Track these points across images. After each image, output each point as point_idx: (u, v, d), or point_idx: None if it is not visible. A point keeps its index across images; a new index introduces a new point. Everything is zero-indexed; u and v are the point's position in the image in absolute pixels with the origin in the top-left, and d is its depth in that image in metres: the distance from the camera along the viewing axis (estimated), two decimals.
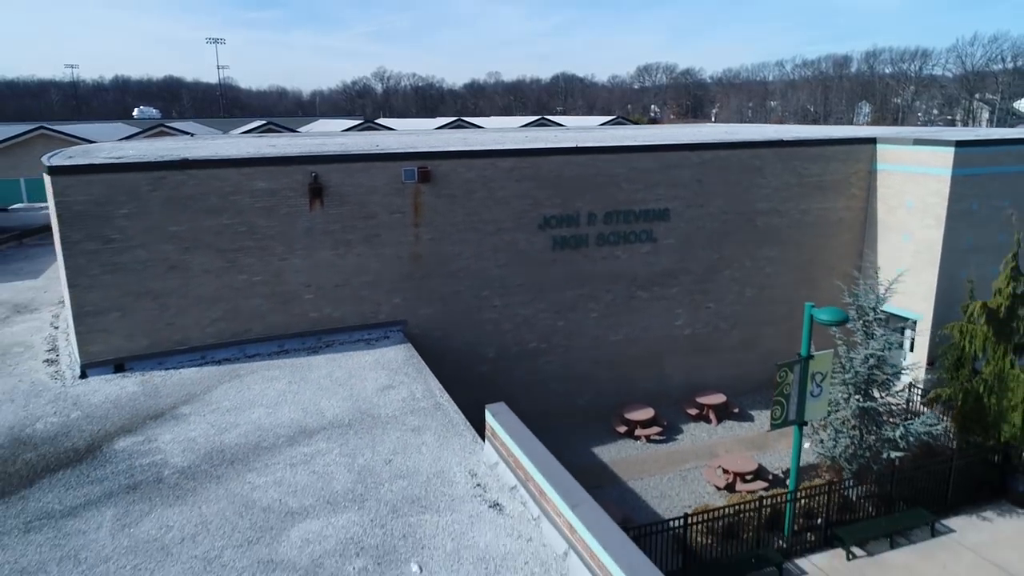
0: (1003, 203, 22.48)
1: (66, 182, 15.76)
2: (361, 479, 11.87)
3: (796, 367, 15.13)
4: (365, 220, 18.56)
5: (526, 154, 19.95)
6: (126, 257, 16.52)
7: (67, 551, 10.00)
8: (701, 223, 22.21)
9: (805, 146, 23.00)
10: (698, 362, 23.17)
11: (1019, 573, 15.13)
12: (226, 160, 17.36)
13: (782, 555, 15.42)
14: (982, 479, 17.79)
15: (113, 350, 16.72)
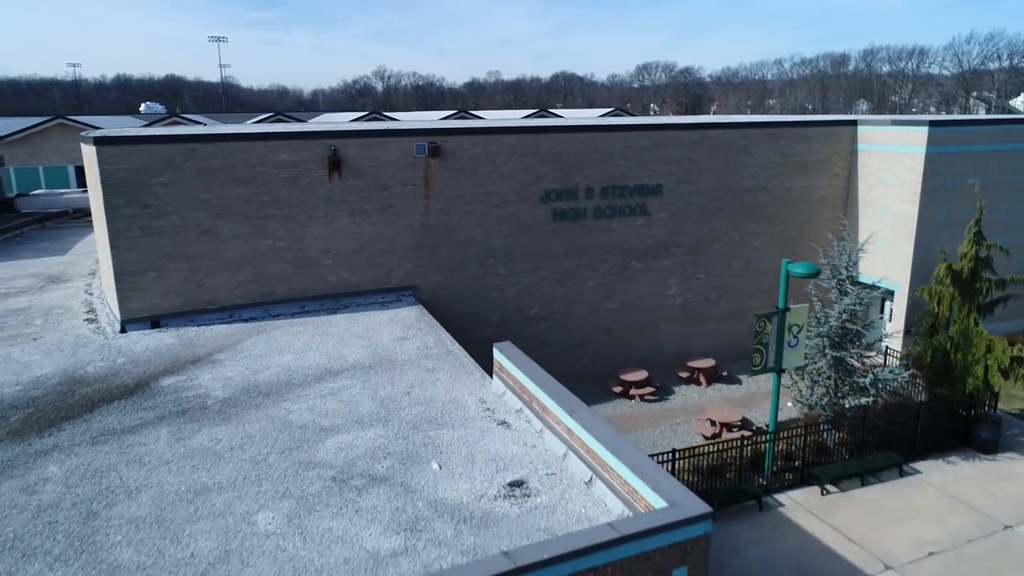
0: (974, 178, 24.07)
1: (110, 152, 17.34)
2: (383, 406, 13.46)
3: (774, 319, 16.73)
4: (379, 191, 20.15)
5: (528, 131, 21.56)
6: (162, 222, 18.11)
7: (132, 456, 11.60)
8: (692, 199, 23.81)
9: (789, 127, 24.59)
10: (689, 330, 24.76)
11: (977, 505, 16.73)
12: (253, 134, 18.97)
13: (762, 490, 17.02)
14: (949, 428, 19.37)
15: (150, 308, 18.31)
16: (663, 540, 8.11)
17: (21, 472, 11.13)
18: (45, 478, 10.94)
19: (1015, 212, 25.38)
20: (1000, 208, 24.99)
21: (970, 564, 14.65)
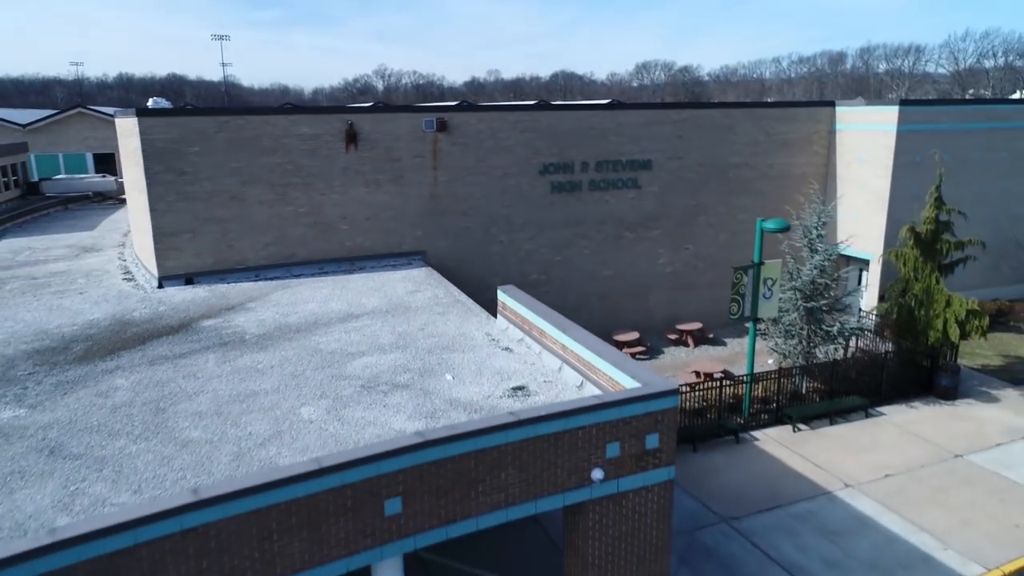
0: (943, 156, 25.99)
1: (150, 123, 19.29)
2: (401, 338, 15.39)
3: (750, 271, 18.68)
4: (392, 163, 22.08)
5: (528, 109, 23.53)
6: (196, 188, 20.06)
7: (186, 373, 13.53)
8: (680, 173, 25.75)
9: (772, 107, 26.55)
10: (678, 296, 26.70)
11: (932, 440, 18.66)
12: (277, 109, 20.90)
13: (739, 427, 18.96)
14: (913, 378, 21.31)
15: (184, 266, 20.25)
16: (638, 409, 10.04)
17: (93, 384, 13.06)
18: (115, 387, 12.87)
19: (982, 187, 27.32)
20: (968, 183, 26.93)
21: (921, 483, 16.59)
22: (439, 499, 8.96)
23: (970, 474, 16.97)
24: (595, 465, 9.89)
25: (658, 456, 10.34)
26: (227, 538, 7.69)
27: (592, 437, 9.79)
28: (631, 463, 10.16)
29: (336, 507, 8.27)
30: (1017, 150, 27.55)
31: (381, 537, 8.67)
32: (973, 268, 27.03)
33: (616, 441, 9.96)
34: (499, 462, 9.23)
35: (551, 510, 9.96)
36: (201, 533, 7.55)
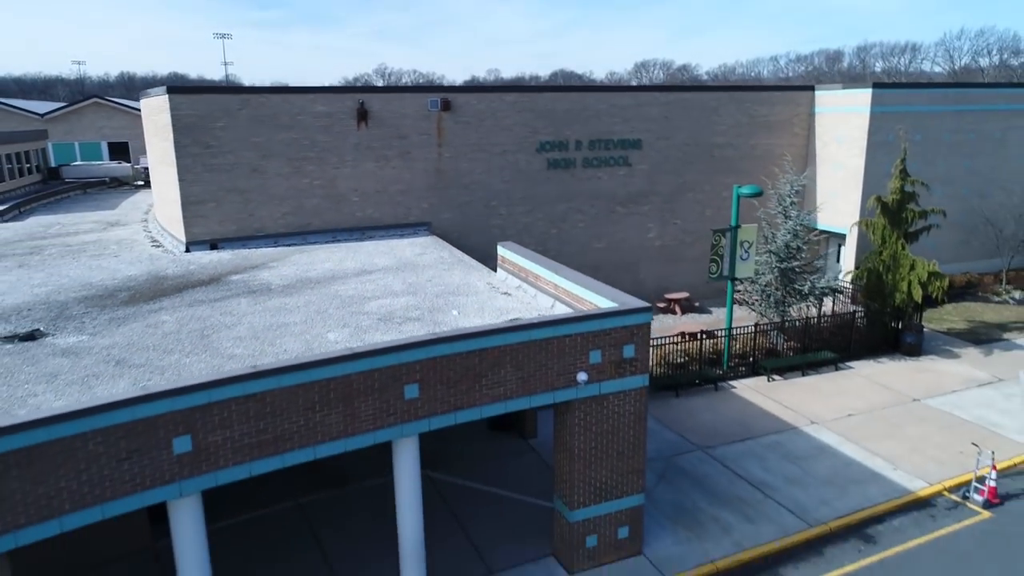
0: (915, 137, 27.94)
1: (180, 99, 21.19)
2: (411, 287, 17.28)
3: (727, 233, 20.58)
4: (400, 139, 23.97)
5: (525, 90, 25.42)
6: (220, 160, 21.95)
7: (223, 311, 15.42)
8: (668, 152, 27.66)
9: (754, 91, 28.44)
10: (667, 269, 28.59)
11: (894, 387, 20.55)
12: (294, 88, 22.81)
13: (718, 377, 20.85)
14: (881, 337, 23.21)
15: (209, 233, 22.13)
16: (616, 322, 11.93)
17: (142, 319, 14.95)
18: (161, 321, 14.76)
19: (952, 166, 29.24)
20: (939, 162, 28.86)
21: (879, 420, 18.49)
22: (449, 388, 10.85)
23: (924, 414, 18.86)
24: (580, 369, 11.79)
25: (634, 364, 12.24)
26: (280, 405, 9.59)
27: (577, 344, 11.68)
28: (611, 369, 12.06)
29: (365, 388, 10.16)
30: (984, 131, 29.46)
31: (401, 416, 10.55)
32: (945, 243, 29.08)
33: (598, 349, 11.85)
34: (499, 361, 11.12)
35: (542, 406, 11.86)
36: (259, 399, 9.44)
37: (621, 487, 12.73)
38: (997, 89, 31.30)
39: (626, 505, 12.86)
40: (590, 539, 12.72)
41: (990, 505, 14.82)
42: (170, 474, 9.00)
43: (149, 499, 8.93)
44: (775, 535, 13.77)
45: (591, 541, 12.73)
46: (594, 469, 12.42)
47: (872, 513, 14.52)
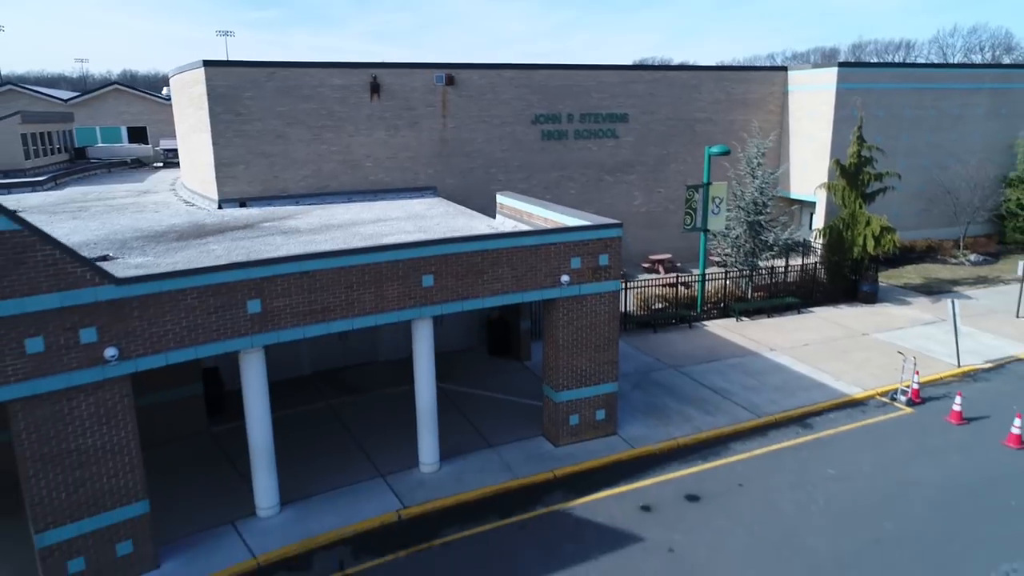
0: (878, 112, 30.79)
1: (214, 72, 24.01)
2: (421, 228, 20.10)
3: (700, 189, 23.41)
4: (408, 111, 26.79)
5: (522, 68, 28.25)
6: (248, 127, 24.76)
7: (263, 243, 18.19)
8: (652, 126, 30.49)
9: (732, 70, 31.28)
10: (651, 234, 31.40)
11: (848, 325, 23.38)
12: (315, 63, 25.63)
13: (692, 318, 23.67)
14: (840, 287, 26.03)
15: (239, 192, 24.94)
16: (592, 235, 14.74)
17: (194, 248, 17.75)
18: (211, 249, 17.55)
19: (914, 139, 32.08)
20: (902, 136, 31.72)
21: (830, 348, 21.32)
22: (458, 281, 13.66)
23: (870, 344, 21.69)
24: (563, 272, 14.60)
25: (608, 271, 15.06)
26: (326, 282, 12.40)
27: (561, 252, 14.49)
28: (589, 274, 14.87)
29: (391, 274, 12.97)
30: (943, 108, 32.31)
31: (419, 301, 13.37)
32: (908, 212, 31.97)
33: (578, 256, 14.67)
34: (497, 261, 13.94)
35: (533, 301, 14.67)
36: (311, 276, 12.26)
37: (598, 375, 15.54)
38: (955, 70, 34.15)
39: (603, 391, 15.68)
40: (572, 418, 15.54)
41: (913, 404, 17.64)
42: (244, 329, 11.82)
43: (228, 347, 11.75)
44: (729, 423, 16.58)
45: (574, 420, 15.55)
46: (576, 358, 15.24)
47: (812, 409, 17.35)
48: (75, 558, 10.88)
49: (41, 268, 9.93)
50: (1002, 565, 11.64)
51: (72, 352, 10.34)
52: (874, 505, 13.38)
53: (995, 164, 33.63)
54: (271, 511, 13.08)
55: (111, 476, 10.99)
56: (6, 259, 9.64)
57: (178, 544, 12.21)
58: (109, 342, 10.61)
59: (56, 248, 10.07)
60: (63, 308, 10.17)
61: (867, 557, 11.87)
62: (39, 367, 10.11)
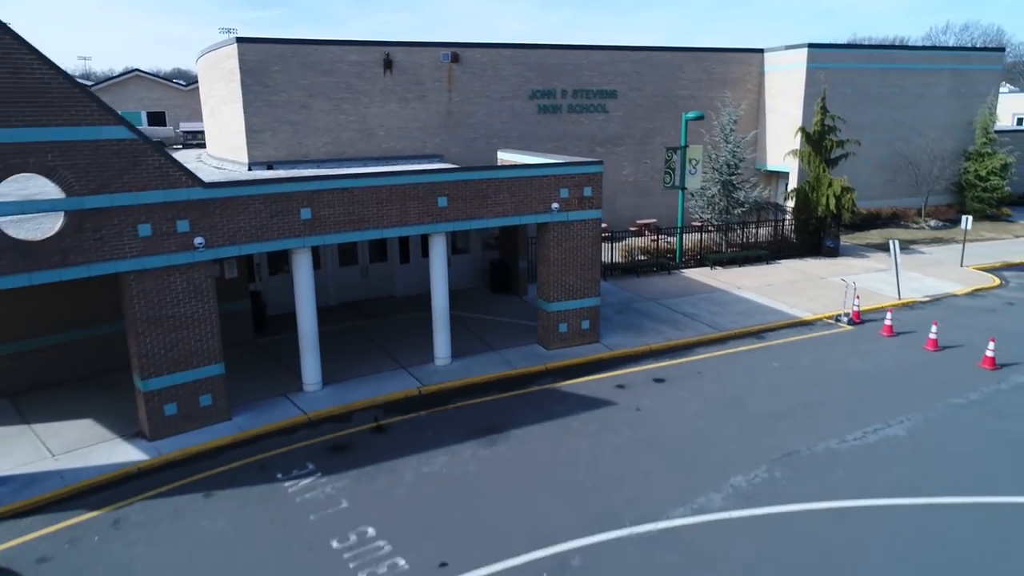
0: (846, 90, 33.98)
1: (245, 47, 27.17)
2: None
3: (678, 151, 26.60)
4: (417, 85, 29.97)
5: (519, 47, 31.47)
6: (275, 98, 27.93)
7: None
8: (639, 102, 33.68)
9: (712, 52, 34.51)
10: (639, 201, 34.58)
11: (808, 272, 26.57)
12: (334, 40, 28.82)
13: (672, 267, 26.86)
14: (807, 243, 29.22)
15: (266, 156, 28.09)
16: (577, 170, 17.91)
17: None
18: None
19: (879, 115, 35.29)
20: (868, 112, 34.93)
21: (790, 287, 24.51)
22: (467, 203, 16.82)
23: (826, 284, 24.89)
24: (554, 200, 17.77)
25: (591, 202, 18.23)
26: (361, 198, 15.56)
27: (551, 183, 17.66)
28: (575, 203, 18.04)
29: (413, 194, 16.13)
30: (906, 87, 35.53)
31: (435, 218, 16.52)
32: (874, 183, 35.21)
33: (566, 187, 17.85)
34: (499, 188, 17.10)
35: (527, 223, 17.86)
36: (349, 192, 15.42)
37: (584, 290, 18.72)
38: (918, 51, 37.34)
39: (587, 304, 18.86)
40: (562, 326, 18.71)
41: (853, 323, 20.84)
42: (298, 231, 14.98)
43: (286, 245, 14.90)
44: (694, 335, 19.77)
45: (563, 327, 18.73)
46: (564, 275, 18.41)
47: (767, 327, 20.54)
48: (169, 403, 14.03)
49: (151, 170, 13.11)
50: (899, 415, 14.81)
51: (171, 238, 13.51)
52: (806, 383, 16.56)
53: (955, 139, 36.84)
54: (315, 387, 16.24)
55: (197, 340, 14.15)
56: (126, 161, 12.81)
57: (244, 407, 15.35)
58: (198, 233, 13.78)
59: (162, 156, 13.26)
60: (166, 203, 13.35)
61: (795, 413, 15.03)
62: (147, 248, 13.28)
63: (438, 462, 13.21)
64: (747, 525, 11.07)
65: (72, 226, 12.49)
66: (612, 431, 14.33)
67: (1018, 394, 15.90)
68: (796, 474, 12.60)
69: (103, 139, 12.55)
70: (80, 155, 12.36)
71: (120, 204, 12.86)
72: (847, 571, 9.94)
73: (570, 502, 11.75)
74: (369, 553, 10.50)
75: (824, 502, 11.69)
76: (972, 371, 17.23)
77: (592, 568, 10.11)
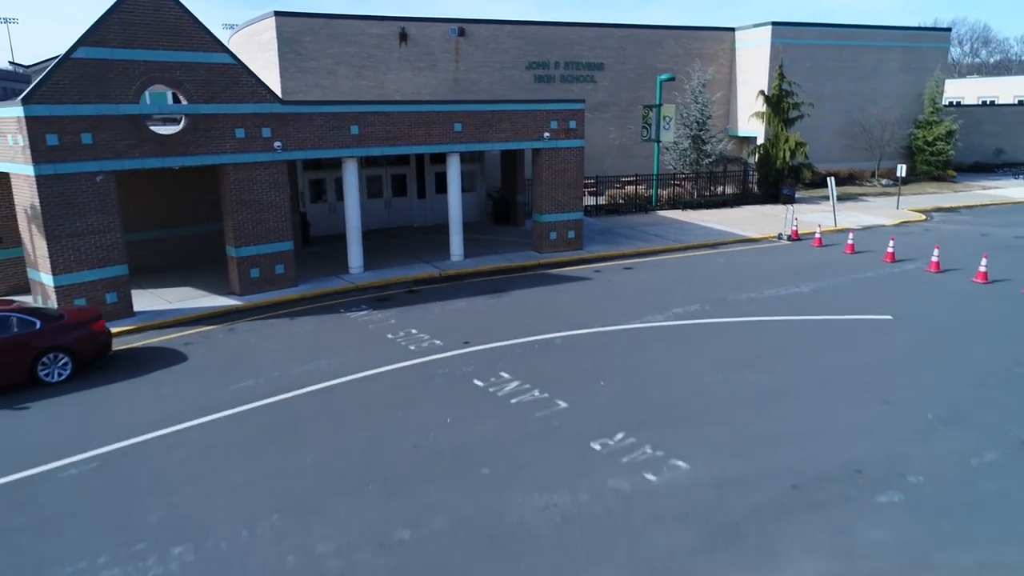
0: (806, 63, 38.90)
1: (282, 20, 32.03)
2: None
3: (654, 109, 31.50)
4: (428, 56, 34.84)
5: (518, 24, 36.40)
6: (306, 64, 32.78)
7: None
8: (624, 74, 38.57)
9: (687, 30, 39.45)
10: (623, 162, 39.43)
11: (764, 212, 31.42)
12: (357, 16, 33.69)
13: (648, 208, 31.73)
14: (768, 193, 34.11)
15: None
16: (564, 107, 22.77)
17: None
18: None
19: (837, 87, 40.23)
20: (827, 84, 39.87)
21: (745, 219, 29.37)
22: (477, 129, 21.65)
23: (777, 219, 29.75)
24: (545, 131, 22.61)
25: (576, 133, 23.08)
26: (396, 121, 20.38)
27: (543, 116, 22.51)
28: (562, 133, 22.89)
29: (435, 120, 20.94)
30: (862, 61, 40.49)
31: (452, 139, 21.35)
32: (834, 147, 40.16)
33: (555, 120, 22.70)
34: (502, 119, 21.94)
35: (525, 148, 22.73)
36: (387, 116, 20.24)
37: (570, 205, 23.57)
38: (872, 30, 42.29)
39: (572, 217, 23.71)
40: (552, 234, 23.55)
41: (792, 240, 25.71)
42: (349, 143, 19.80)
43: (340, 153, 19.72)
44: (661, 245, 24.64)
45: (553, 235, 23.57)
46: (554, 191, 23.25)
47: (720, 241, 25.44)
48: (254, 268, 18.83)
49: (245, 88, 17.94)
50: (809, 283, 19.67)
51: (257, 141, 18.34)
52: (744, 268, 21.40)
53: (905, 109, 41.79)
54: (359, 270, 21.06)
55: (274, 221, 18.96)
56: (229, 80, 17.64)
57: (305, 281, 20.15)
58: (276, 138, 18.60)
59: (254, 78, 18.09)
60: (255, 113, 18.17)
61: (730, 281, 19.86)
62: (241, 146, 18.09)
63: (458, 304, 18.06)
64: (676, 328, 15.89)
65: (191, 126, 17.33)
66: (588, 290, 19.19)
67: (903, 273, 20.75)
68: (719, 308, 17.44)
69: (214, 63, 17.39)
70: (198, 73, 17.20)
71: (224, 112, 17.70)
72: (742, 344, 14.70)
73: (555, 320, 16.58)
74: (414, 339, 15.33)
75: (733, 318, 16.53)
76: (875, 263, 22.11)
77: (569, 344, 14.94)
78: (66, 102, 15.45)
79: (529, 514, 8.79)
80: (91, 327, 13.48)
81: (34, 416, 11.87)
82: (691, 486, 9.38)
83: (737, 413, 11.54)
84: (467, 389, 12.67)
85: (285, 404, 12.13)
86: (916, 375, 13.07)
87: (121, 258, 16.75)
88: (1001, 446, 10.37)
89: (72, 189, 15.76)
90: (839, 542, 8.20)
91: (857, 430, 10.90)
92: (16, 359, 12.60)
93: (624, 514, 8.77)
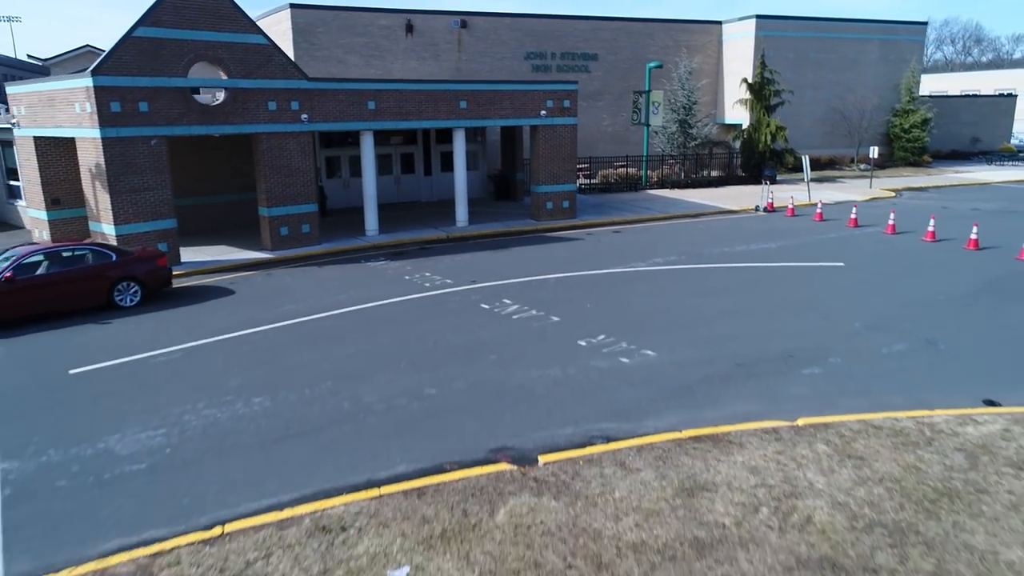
0: (788, 54, 41.52)
1: (296, 12, 34.57)
2: None
3: (643, 95, 34.10)
4: (432, 46, 37.39)
5: (517, 16, 38.99)
6: (319, 53, 35.32)
7: None
8: (616, 64, 41.16)
9: (676, 23, 42.06)
10: (616, 148, 41.98)
11: (745, 190, 34.01)
12: (366, 8, 36.25)
13: (638, 187, 34.31)
14: (750, 174, 36.71)
15: None
16: (559, 87, 25.34)
17: None
18: None
19: (818, 77, 42.86)
20: (808, 74, 42.49)
21: (729, 196, 31.96)
22: (480, 106, 24.19)
23: (756, 196, 32.31)
24: (542, 108, 25.17)
25: (570, 111, 25.65)
26: (407, 98, 22.92)
27: (541, 96, 25.08)
28: (558, 111, 25.46)
29: (442, 98, 23.49)
30: (842, 53, 43.13)
31: (458, 116, 23.90)
32: (816, 134, 42.75)
33: (551, 99, 25.27)
34: (504, 98, 24.50)
35: (524, 124, 25.31)
36: (400, 93, 22.79)
37: (564, 177, 26.14)
38: (851, 23, 44.93)
39: (567, 188, 26.28)
40: (548, 204, 26.11)
41: (767, 212, 28.30)
42: (366, 117, 22.34)
43: (357, 127, 22.26)
44: (648, 215, 27.21)
45: (549, 205, 26.13)
46: (550, 164, 25.81)
47: (702, 213, 28.01)
48: (283, 226, 21.37)
49: (277, 65, 20.48)
50: (777, 241, 22.22)
51: (287, 113, 20.87)
52: (719, 232, 23.97)
53: (883, 99, 44.44)
54: (374, 232, 23.61)
55: (300, 185, 21.49)
56: (263, 58, 20.18)
57: (327, 240, 22.69)
58: (304, 111, 21.14)
59: (284, 57, 20.62)
60: (286, 89, 20.71)
61: (706, 239, 22.41)
62: (273, 118, 20.63)
63: (464, 257, 20.64)
64: (655, 271, 18.46)
65: (231, 98, 19.87)
66: (580, 247, 21.78)
67: (863, 235, 23.33)
68: (695, 258, 20.02)
69: (251, 43, 19.94)
70: (236, 52, 19.75)
71: (258, 87, 20.24)
72: (710, 281, 17.20)
73: (550, 266, 19.13)
74: (428, 280, 17.88)
75: (706, 264, 19.09)
76: (839, 227, 24.71)
77: (561, 282, 17.51)
78: (127, 74, 17.99)
79: (528, 380, 11.33)
80: (156, 262, 16.02)
81: (118, 328, 14.40)
82: (656, 365, 11.93)
83: (700, 324, 14.10)
84: (475, 311, 15.22)
85: (325, 319, 14.68)
86: (853, 300, 15.65)
87: (171, 213, 19.30)
88: (910, 341, 12.95)
89: (131, 151, 18.30)
90: (767, 394, 10.76)
91: (796, 332, 13.47)
92: (96, 285, 15.13)
93: (602, 380, 11.32)
